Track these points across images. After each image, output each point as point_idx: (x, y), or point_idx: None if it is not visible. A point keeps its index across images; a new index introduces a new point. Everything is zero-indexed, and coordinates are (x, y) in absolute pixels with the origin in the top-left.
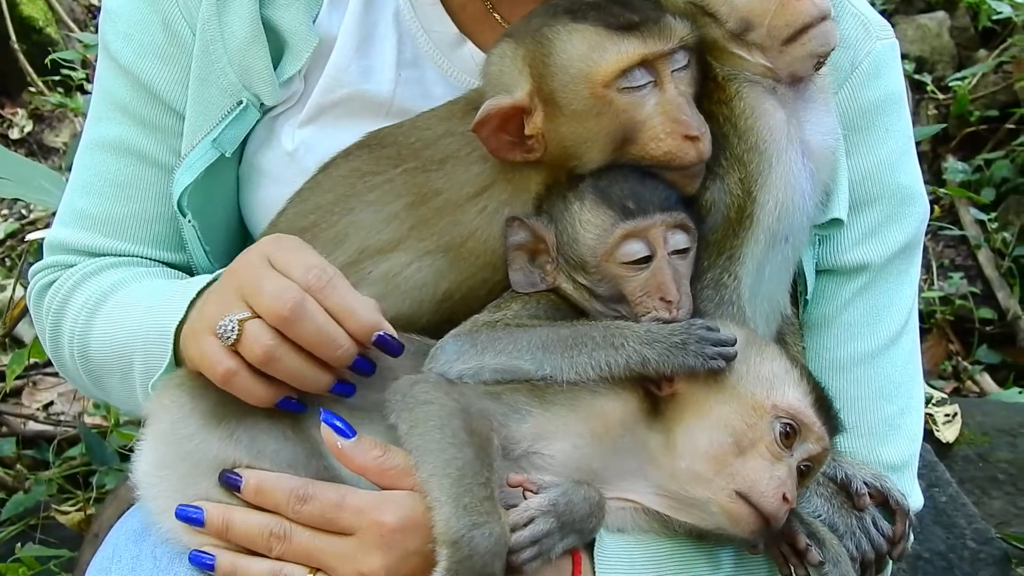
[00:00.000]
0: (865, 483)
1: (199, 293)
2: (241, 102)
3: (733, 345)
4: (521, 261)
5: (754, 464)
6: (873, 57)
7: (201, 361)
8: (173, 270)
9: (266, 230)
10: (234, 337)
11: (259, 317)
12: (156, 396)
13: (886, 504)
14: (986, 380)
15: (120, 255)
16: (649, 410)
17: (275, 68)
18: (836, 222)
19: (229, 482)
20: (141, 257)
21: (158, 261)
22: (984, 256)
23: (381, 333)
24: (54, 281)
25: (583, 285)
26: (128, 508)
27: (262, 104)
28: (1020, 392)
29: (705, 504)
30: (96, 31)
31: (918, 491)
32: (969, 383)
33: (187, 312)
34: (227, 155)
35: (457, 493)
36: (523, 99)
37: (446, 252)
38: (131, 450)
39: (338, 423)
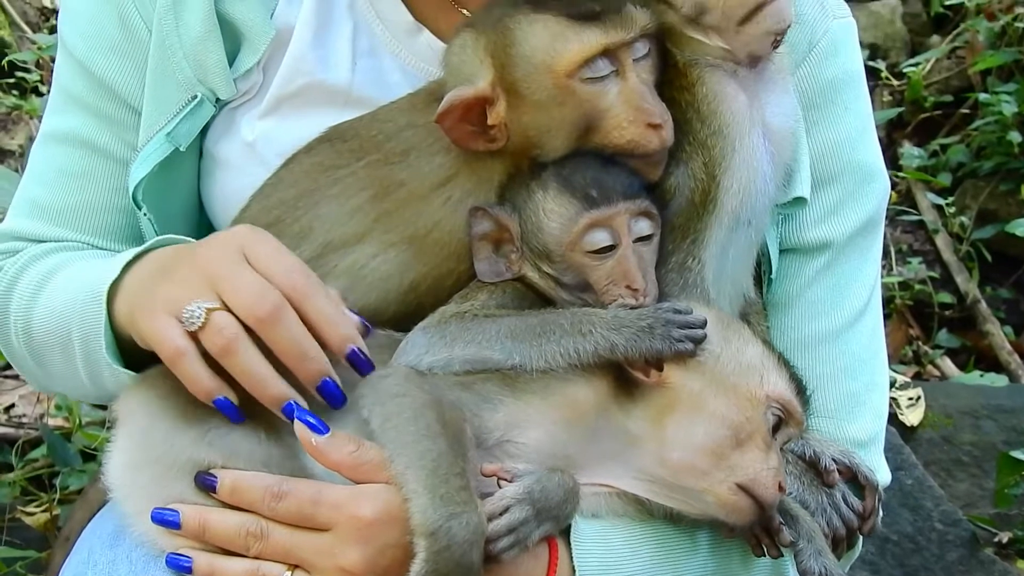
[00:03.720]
0: (834, 460)
1: (136, 256)
2: (196, 96)
3: (702, 328)
4: (486, 251)
5: (752, 456)
6: (831, 35)
7: (152, 336)
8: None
9: (230, 226)
10: (199, 324)
11: (228, 310)
12: (125, 398)
13: (855, 480)
14: (947, 364)
15: (68, 244)
16: (624, 395)
17: (232, 61)
18: (799, 201)
19: (205, 483)
20: (91, 246)
21: (109, 251)
22: (942, 240)
23: (354, 348)
24: (1, 268)
25: (548, 274)
26: (98, 510)
27: (217, 98)
28: (981, 376)
29: (699, 495)
30: (50, 33)
31: (885, 467)
32: (930, 367)
33: (121, 274)
34: (181, 149)
35: (433, 484)
36: (485, 89)
37: (411, 243)
38: (94, 451)
39: (311, 419)
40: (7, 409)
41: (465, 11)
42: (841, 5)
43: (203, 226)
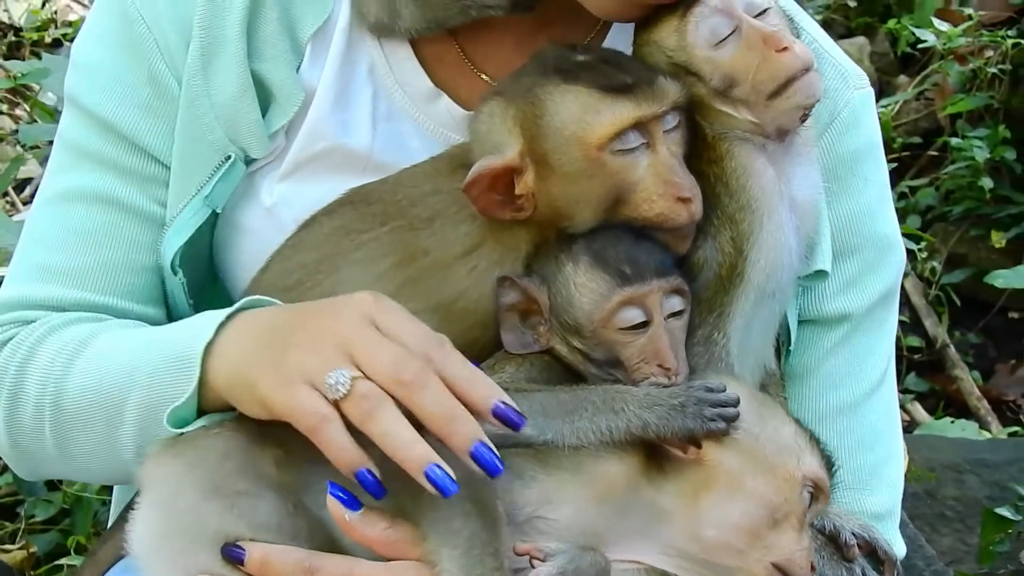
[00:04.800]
0: (854, 534)
1: (227, 318)
2: (230, 157)
3: (734, 406)
4: (513, 322)
5: (788, 537)
6: (852, 107)
7: (290, 405)
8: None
9: (248, 288)
10: (343, 392)
11: (368, 378)
12: (151, 465)
13: (874, 554)
14: (917, 409)
15: (88, 307)
16: (655, 470)
17: None
18: (821, 274)
19: (232, 556)
20: (111, 309)
21: (130, 314)
22: (911, 284)
23: (500, 402)
24: (11, 339)
25: (578, 349)
26: (107, 570)
27: (248, 158)
28: (953, 422)
29: (732, 572)
30: (8, 51)
31: (901, 539)
32: (901, 412)
33: (214, 336)
34: (218, 211)
35: (467, 565)
36: (514, 159)
37: (435, 312)
38: (60, 481)
39: (343, 495)
40: None
41: (484, 76)
42: (861, 75)
43: (215, 287)
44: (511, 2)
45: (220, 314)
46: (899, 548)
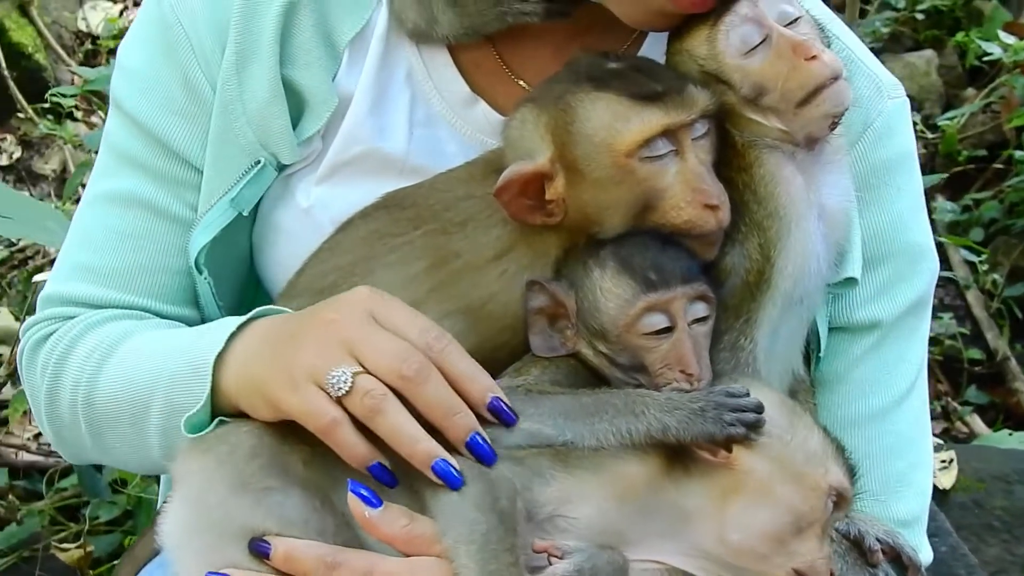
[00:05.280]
0: (878, 539)
1: (239, 328)
2: (259, 161)
3: (755, 412)
4: (541, 325)
5: (811, 544)
6: (885, 117)
7: (300, 408)
8: (182, 325)
9: (284, 290)
10: (346, 389)
11: (370, 373)
12: (182, 460)
13: (898, 560)
14: (976, 421)
15: (124, 307)
16: (679, 471)
17: (295, 127)
18: (850, 281)
19: (259, 550)
20: (146, 310)
21: (163, 315)
22: (973, 296)
23: (496, 397)
24: (52, 333)
25: (603, 353)
26: (144, 565)
27: (279, 163)
28: (1011, 434)
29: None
30: (85, 59)
31: (927, 546)
32: (959, 424)
33: (226, 345)
34: (244, 214)
35: (483, 559)
36: (545, 165)
37: (466, 314)
38: (123, 483)
39: (364, 492)
40: (36, 436)
41: (522, 82)
42: (896, 85)
43: (254, 290)
44: (546, 9)
45: (233, 323)
46: (925, 555)
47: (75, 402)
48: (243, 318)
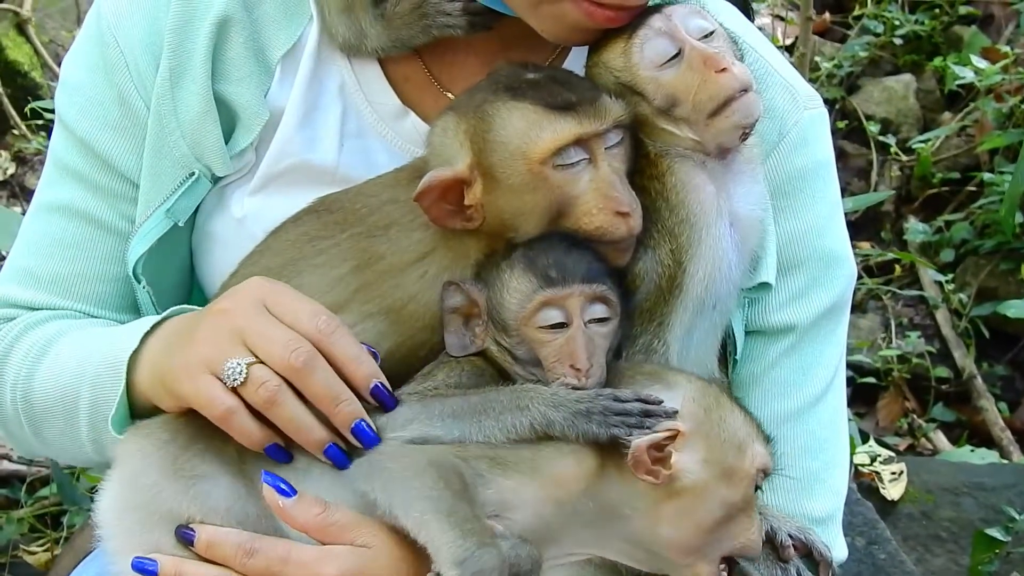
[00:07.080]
0: (790, 535)
1: (153, 327)
2: (193, 173)
3: (640, 415)
4: (456, 324)
5: (743, 523)
6: (801, 127)
7: (198, 397)
8: (117, 324)
9: (218, 292)
10: (241, 380)
11: (263, 363)
12: (124, 442)
13: (810, 556)
14: (939, 438)
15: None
16: (613, 472)
17: (228, 140)
18: (765, 286)
19: (183, 537)
20: (86, 315)
21: (105, 320)
22: (942, 316)
23: (378, 383)
24: None
25: (505, 347)
26: (84, 557)
27: (213, 175)
28: (972, 451)
29: (682, 568)
30: None
31: (842, 543)
32: (923, 440)
33: (140, 343)
34: (180, 224)
35: (456, 521)
36: (463, 171)
37: (388, 315)
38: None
39: (281, 483)
40: None
41: (450, 94)
42: (813, 96)
43: (194, 297)
44: (469, 23)
45: (148, 323)
46: (839, 552)
47: (15, 400)
48: (158, 317)
